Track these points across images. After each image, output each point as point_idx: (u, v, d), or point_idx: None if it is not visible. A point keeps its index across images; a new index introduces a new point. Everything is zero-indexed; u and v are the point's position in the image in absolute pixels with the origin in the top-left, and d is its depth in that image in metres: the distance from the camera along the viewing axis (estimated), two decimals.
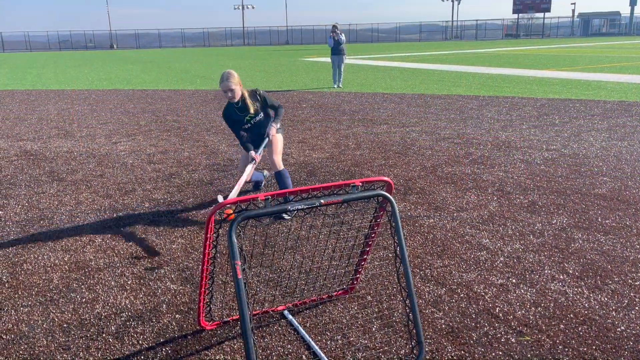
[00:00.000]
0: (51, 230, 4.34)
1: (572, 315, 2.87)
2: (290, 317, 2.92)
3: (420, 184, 5.39)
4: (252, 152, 4.47)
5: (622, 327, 2.74)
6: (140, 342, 2.73)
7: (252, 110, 4.55)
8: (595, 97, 11.40)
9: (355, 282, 3.15)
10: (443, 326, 2.82)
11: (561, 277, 3.32)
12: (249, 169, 4.42)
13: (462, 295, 3.14)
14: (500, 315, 2.90)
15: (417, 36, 76.99)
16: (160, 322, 2.91)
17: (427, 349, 2.61)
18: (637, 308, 2.92)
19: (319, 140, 7.73)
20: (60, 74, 23.00)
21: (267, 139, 4.60)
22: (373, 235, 2.90)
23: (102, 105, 12.27)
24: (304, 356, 2.59)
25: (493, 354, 2.57)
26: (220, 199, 4.08)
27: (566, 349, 2.58)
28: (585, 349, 2.57)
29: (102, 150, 7.34)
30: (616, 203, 4.65)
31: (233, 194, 4.16)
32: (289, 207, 2.31)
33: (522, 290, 3.16)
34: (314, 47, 55.84)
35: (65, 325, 2.90)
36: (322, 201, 2.37)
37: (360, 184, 2.50)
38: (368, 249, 2.97)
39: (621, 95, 11.47)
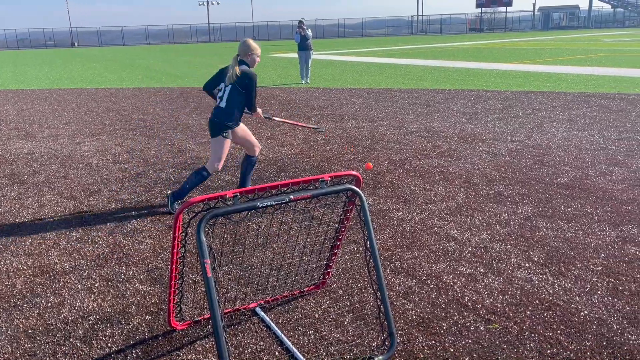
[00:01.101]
0: (13, 234, 4.21)
1: (537, 302, 2.95)
2: (262, 314, 2.91)
3: (389, 178, 5.43)
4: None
5: (585, 312, 2.83)
6: (109, 345, 2.68)
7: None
8: (556, 89, 11.70)
9: (326, 277, 3.16)
10: (414, 317, 2.85)
11: (527, 265, 3.40)
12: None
13: (432, 286, 3.19)
14: (469, 304, 2.96)
15: (383, 31, 77.50)
16: (130, 324, 2.86)
17: (398, 340, 2.64)
18: (599, 293, 3.02)
19: (287, 136, 7.71)
20: (19, 73, 22.27)
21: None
22: (343, 229, 2.92)
23: (64, 104, 11.94)
24: (276, 352, 2.59)
25: (463, 342, 2.62)
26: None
27: (532, 335, 2.65)
28: (550, 334, 2.65)
29: (65, 151, 7.15)
30: (577, 191, 4.79)
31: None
32: (258, 204, 2.30)
33: (490, 279, 3.23)
34: (281, 42, 55.58)
35: (30, 331, 2.82)
36: (291, 197, 2.37)
37: (329, 178, 2.51)
38: (338, 243, 2.98)
39: (581, 87, 11.81)
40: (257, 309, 2.96)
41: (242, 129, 4.64)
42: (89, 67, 25.05)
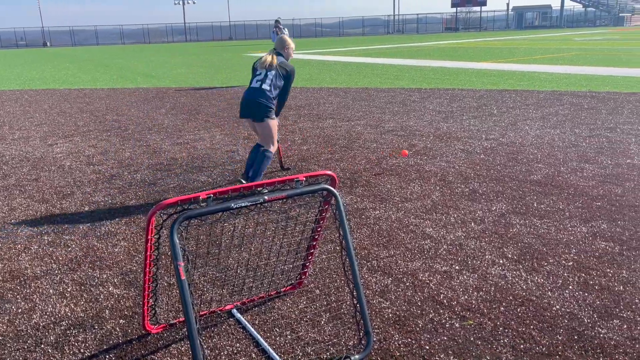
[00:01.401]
0: None
1: (511, 298, 3.00)
2: (238, 315, 2.89)
3: (365, 177, 5.46)
4: None
5: (557, 306, 2.89)
6: (81, 350, 2.63)
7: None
8: (529, 87, 11.90)
9: (303, 277, 3.16)
10: (390, 315, 2.87)
11: (501, 261, 3.45)
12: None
13: (407, 284, 3.21)
14: (445, 301, 2.99)
15: (360, 30, 77.80)
16: (103, 329, 2.81)
17: (375, 339, 2.66)
18: (570, 287, 3.08)
19: None
20: None
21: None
22: (319, 229, 2.92)
23: (35, 106, 11.69)
24: (253, 354, 2.57)
25: (438, 339, 2.64)
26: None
27: (506, 330, 2.69)
28: (523, 329, 2.69)
29: (37, 153, 7.00)
30: (550, 188, 4.88)
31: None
32: (232, 205, 2.28)
33: (465, 276, 3.27)
34: (258, 42, 55.36)
35: (0, 338, 2.75)
36: (266, 197, 2.36)
37: (304, 178, 2.51)
38: (315, 243, 2.98)
39: (553, 85, 12.03)
40: (234, 310, 2.94)
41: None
42: (61, 67, 24.58)
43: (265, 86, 4.71)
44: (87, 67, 24.24)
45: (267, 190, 2.47)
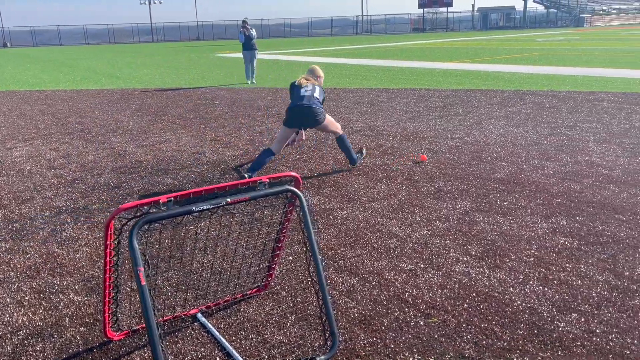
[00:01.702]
0: None
1: (474, 294, 3.05)
2: (203, 319, 2.86)
3: (333, 177, 5.47)
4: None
5: (519, 302, 2.95)
6: None
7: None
8: (494, 87, 12.14)
9: (269, 279, 3.14)
10: (356, 315, 2.88)
11: (465, 258, 3.51)
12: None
13: (374, 283, 3.23)
14: (410, 299, 3.02)
15: (329, 31, 78.00)
16: (63, 337, 2.74)
17: (340, 339, 2.66)
18: (531, 283, 3.16)
19: (232, 137, 7.63)
20: None
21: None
22: (284, 230, 2.91)
23: None
24: (218, 358, 2.55)
25: (403, 337, 2.67)
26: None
27: (469, 327, 2.74)
28: (486, 325, 2.74)
29: None
30: (513, 186, 4.98)
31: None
32: (194, 208, 2.25)
33: (430, 274, 3.31)
34: (226, 42, 54.91)
35: None
36: (228, 200, 2.34)
37: (268, 180, 2.50)
38: (280, 244, 2.97)
39: (516, 85, 12.31)
40: (199, 314, 2.91)
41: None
42: (22, 68, 23.87)
43: (316, 94, 5.46)
44: (49, 68, 23.61)
45: (229, 193, 2.45)
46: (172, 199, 2.23)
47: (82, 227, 4.27)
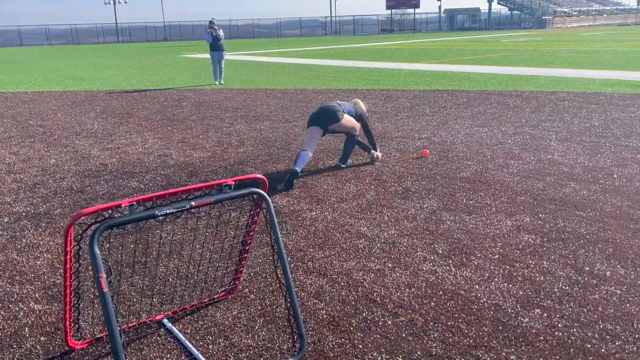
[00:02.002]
0: None
1: (441, 293, 3.09)
2: (169, 325, 2.81)
3: (302, 178, 5.46)
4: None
5: (484, 299, 3.00)
6: None
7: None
8: (460, 87, 12.34)
9: (237, 283, 3.11)
10: (324, 316, 2.88)
11: (432, 257, 3.55)
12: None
13: (342, 283, 3.23)
14: (378, 299, 3.04)
15: (298, 31, 77.97)
16: (23, 348, 2.65)
17: (309, 341, 2.66)
18: (496, 280, 3.21)
19: (200, 139, 7.54)
20: None
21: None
22: (252, 233, 2.88)
23: None
24: None
25: (371, 338, 2.68)
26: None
27: (436, 325, 2.77)
28: (452, 323, 2.78)
29: None
30: (478, 184, 5.07)
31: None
32: (157, 212, 2.21)
33: (398, 274, 3.33)
34: (194, 43, 54.29)
35: None
36: (192, 203, 2.30)
37: (233, 182, 2.47)
38: (248, 247, 2.95)
39: (482, 85, 12.54)
40: (164, 320, 2.86)
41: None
42: None
43: (341, 105, 5.70)
44: (9, 69, 22.89)
45: (193, 196, 2.41)
46: (135, 203, 2.18)
47: (44, 233, 4.15)
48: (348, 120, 5.63)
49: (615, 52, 21.60)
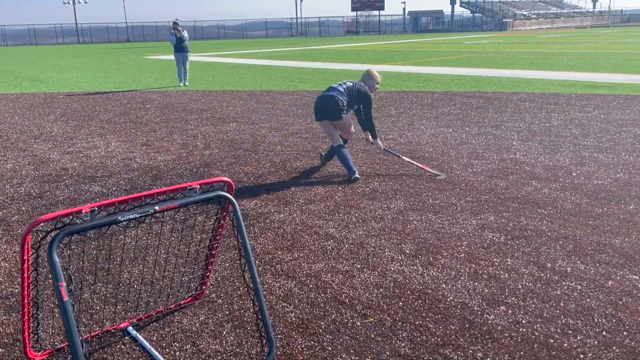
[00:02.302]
0: None
1: (409, 292, 3.11)
2: (134, 333, 2.74)
3: (270, 180, 5.43)
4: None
5: (451, 297, 3.04)
6: None
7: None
8: (425, 88, 12.51)
9: (204, 288, 3.06)
10: (293, 319, 2.86)
11: (399, 257, 3.58)
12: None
13: (311, 285, 3.22)
14: (347, 300, 3.04)
15: (263, 33, 77.63)
16: None
17: (278, 344, 2.64)
18: (462, 278, 3.26)
19: (164, 141, 7.40)
20: None
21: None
22: (218, 237, 2.84)
23: None
24: None
25: (340, 339, 2.68)
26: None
27: (404, 324, 2.79)
28: (420, 322, 2.80)
29: None
30: (444, 184, 5.14)
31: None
32: (119, 218, 2.15)
33: (366, 275, 3.35)
34: (158, 44, 53.39)
35: None
36: (156, 208, 2.25)
37: (198, 186, 2.43)
38: (214, 252, 2.91)
39: (446, 86, 12.75)
40: (129, 328, 2.79)
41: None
42: None
43: (347, 88, 5.43)
44: None
45: (157, 200, 2.36)
46: (97, 208, 2.12)
47: (0, 241, 3.99)
48: (346, 123, 5.48)
49: (572, 54, 22.32)
